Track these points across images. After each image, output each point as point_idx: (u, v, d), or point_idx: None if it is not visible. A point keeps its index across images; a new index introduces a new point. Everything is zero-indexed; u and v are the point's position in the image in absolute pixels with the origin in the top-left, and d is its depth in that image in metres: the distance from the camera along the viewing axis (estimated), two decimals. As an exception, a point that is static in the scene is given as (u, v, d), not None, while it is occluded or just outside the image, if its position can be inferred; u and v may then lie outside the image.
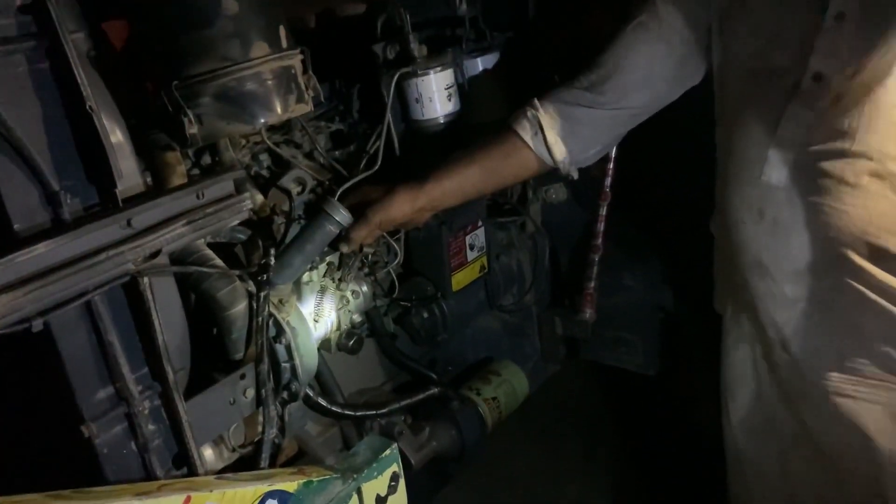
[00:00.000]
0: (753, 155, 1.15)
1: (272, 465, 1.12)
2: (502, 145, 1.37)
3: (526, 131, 1.35)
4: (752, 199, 1.17)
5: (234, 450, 1.11)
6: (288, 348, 1.15)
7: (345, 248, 1.32)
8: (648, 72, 1.28)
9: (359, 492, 1.07)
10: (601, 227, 1.82)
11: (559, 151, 1.35)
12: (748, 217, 1.19)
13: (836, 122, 1.05)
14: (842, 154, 1.06)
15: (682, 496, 2.04)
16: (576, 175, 1.41)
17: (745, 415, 1.36)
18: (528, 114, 1.35)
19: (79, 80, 0.86)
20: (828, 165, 1.07)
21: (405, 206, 1.32)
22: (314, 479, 1.02)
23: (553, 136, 1.34)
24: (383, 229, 1.35)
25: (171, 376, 0.94)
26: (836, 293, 1.13)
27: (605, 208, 1.81)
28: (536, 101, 1.35)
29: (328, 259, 1.37)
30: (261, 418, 1.09)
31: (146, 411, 0.93)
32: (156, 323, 0.92)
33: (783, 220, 1.14)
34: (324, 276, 1.37)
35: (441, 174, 1.35)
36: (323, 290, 1.37)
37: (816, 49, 1.06)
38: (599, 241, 1.83)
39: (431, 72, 1.49)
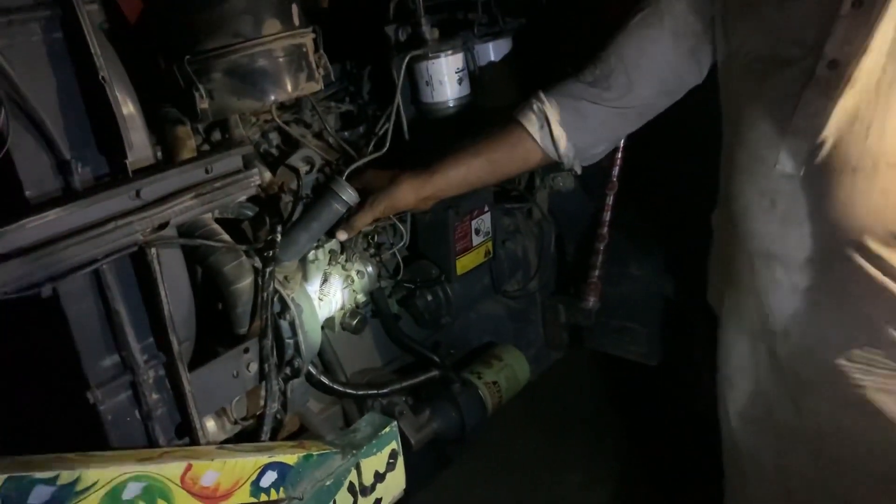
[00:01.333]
0: (766, 145, 1.14)
1: (273, 440, 1.14)
2: (508, 137, 1.36)
3: (532, 124, 1.34)
4: (764, 188, 1.16)
5: (235, 422, 1.12)
6: (292, 325, 1.16)
7: (342, 236, 1.32)
8: (652, 66, 1.28)
9: (357, 467, 1.09)
10: (608, 216, 1.82)
11: (564, 145, 1.35)
12: (758, 206, 1.17)
13: (851, 109, 1.04)
14: (857, 141, 1.05)
15: (683, 485, 2.06)
16: (579, 170, 1.41)
17: (742, 405, 1.36)
18: (535, 107, 1.34)
19: (92, 51, 0.87)
20: (843, 153, 1.06)
21: (409, 195, 1.33)
22: (314, 453, 1.04)
23: (559, 130, 1.33)
24: (386, 215, 1.36)
25: (175, 347, 0.95)
26: (848, 281, 1.12)
27: (612, 197, 1.80)
28: (542, 94, 1.35)
29: (333, 241, 1.38)
30: (263, 392, 1.11)
31: (150, 380, 0.95)
32: (162, 294, 0.93)
33: (796, 209, 1.12)
34: (329, 255, 1.38)
35: (446, 164, 1.35)
36: (328, 270, 1.37)
37: (832, 36, 1.04)
38: (605, 230, 1.83)
39: (442, 55, 1.49)
